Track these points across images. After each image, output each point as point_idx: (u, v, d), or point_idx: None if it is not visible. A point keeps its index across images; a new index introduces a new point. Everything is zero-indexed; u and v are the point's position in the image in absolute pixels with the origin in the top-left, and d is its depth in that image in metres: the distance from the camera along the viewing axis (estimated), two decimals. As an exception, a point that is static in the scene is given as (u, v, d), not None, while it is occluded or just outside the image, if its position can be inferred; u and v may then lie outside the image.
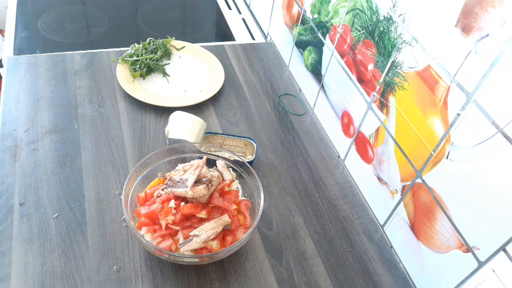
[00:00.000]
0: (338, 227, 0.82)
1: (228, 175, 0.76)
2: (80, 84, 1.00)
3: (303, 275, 0.74)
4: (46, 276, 0.67)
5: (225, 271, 0.72)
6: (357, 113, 0.86)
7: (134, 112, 0.96)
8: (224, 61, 1.14)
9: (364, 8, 0.79)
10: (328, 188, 0.89)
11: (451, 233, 0.65)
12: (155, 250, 0.66)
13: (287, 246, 0.77)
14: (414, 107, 0.69)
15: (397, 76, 0.73)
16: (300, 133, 0.99)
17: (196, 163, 0.74)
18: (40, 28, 1.20)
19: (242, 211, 0.74)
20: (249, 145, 0.91)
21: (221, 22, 1.36)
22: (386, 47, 0.74)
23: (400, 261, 0.79)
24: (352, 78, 0.87)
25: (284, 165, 0.91)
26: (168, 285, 0.69)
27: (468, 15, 0.57)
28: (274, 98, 1.07)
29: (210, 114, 0.99)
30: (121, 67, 1.04)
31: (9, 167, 0.81)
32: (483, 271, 0.60)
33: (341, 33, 0.88)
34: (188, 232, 0.68)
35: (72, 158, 0.84)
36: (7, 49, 1.11)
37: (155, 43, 1.10)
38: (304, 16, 1.03)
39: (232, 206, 0.72)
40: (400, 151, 0.75)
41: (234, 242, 0.68)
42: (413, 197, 0.73)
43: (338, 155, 0.96)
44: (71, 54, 1.07)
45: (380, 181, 0.82)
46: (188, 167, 0.74)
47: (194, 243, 0.66)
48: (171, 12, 1.41)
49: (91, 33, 1.25)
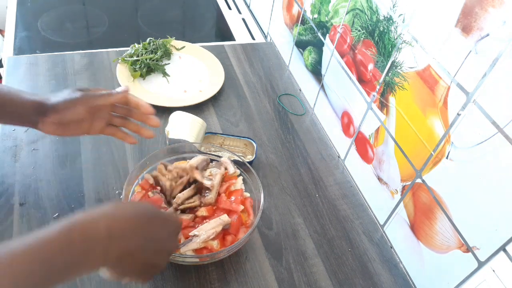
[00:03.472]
0: (338, 227, 0.82)
1: (233, 168, 0.76)
2: (80, 84, 1.00)
3: (303, 275, 0.74)
4: (46, 276, 0.67)
5: (225, 271, 0.72)
6: (357, 113, 0.86)
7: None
8: (224, 61, 1.13)
9: (364, 8, 0.79)
10: (328, 188, 0.89)
11: (451, 233, 0.65)
12: (155, 250, 0.66)
13: (287, 246, 0.77)
14: (414, 107, 0.69)
15: (397, 76, 0.73)
16: (300, 133, 0.99)
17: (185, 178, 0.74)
18: (40, 28, 1.20)
19: (247, 208, 0.74)
20: (249, 145, 0.91)
21: (221, 22, 1.36)
22: (386, 47, 0.74)
23: (400, 261, 0.79)
24: (352, 78, 0.87)
25: (284, 165, 0.91)
26: (168, 285, 0.69)
27: (468, 15, 0.57)
28: (274, 98, 1.07)
29: (210, 114, 0.99)
30: (121, 67, 1.04)
31: (9, 167, 0.81)
32: (483, 271, 0.60)
33: (341, 33, 0.88)
34: (188, 232, 0.68)
35: (72, 158, 0.84)
36: (7, 49, 1.11)
37: (155, 43, 1.10)
38: (304, 16, 1.03)
39: (239, 207, 0.71)
40: (400, 151, 0.75)
41: (234, 242, 0.68)
42: (413, 197, 0.73)
43: (338, 155, 0.96)
44: (71, 54, 1.07)
45: (380, 181, 0.82)
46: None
47: (194, 243, 0.66)
48: (171, 12, 1.41)
49: (91, 33, 1.25)
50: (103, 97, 0.70)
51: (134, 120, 0.74)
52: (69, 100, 0.67)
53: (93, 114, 0.70)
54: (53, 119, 0.67)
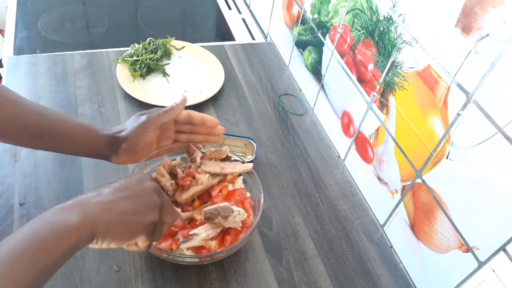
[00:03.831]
0: (338, 227, 0.82)
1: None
2: (80, 84, 1.00)
3: (303, 275, 0.74)
4: (46, 276, 0.67)
5: (225, 271, 0.72)
6: (357, 113, 0.86)
7: (134, 112, 0.96)
8: (224, 61, 1.13)
9: (364, 8, 0.79)
10: (328, 188, 0.89)
11: (451, 233, 0.65)
12: (155, 250, 0.66)
13: (287, 246, 0.77)
14: (414, 107, 0.69)
15: (397, 76, 0.73)
16: (300, 133, 0.99)
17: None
18: (40, 28, 1.20)
19: (246, 208, 0.74)
20: (249, 145, 0.91)
21: (221, 22, 1.36)
22: (386, 47, 0.74)
23: (400, 261, 0.79)
24: (352, 78, 0.87)
25: (284, 165, 0.91)
26: (168, 285, 0.69)
27: (468, 15, 0.57)
28: (274, 98, 1.07)
29: (210, 114, 0.99)
30: (121, 67, 1.04)
31: (9, 167, 0.81)
32: (483, 271, 0.60)
33: (341, 33, 0.88)
34: (187, 232, 0.68)
35: (72, 158, 0.84)
36: (7, 49, 1.11)
37: (155, 43, 1.10)
38: (304, 16, 1.03)
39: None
40: (400, 151, 0.75)
41: (234, 242, 0.68)
42: (413, 197, 0.73)
43: (338, 155, 0.96)
44: (71, 54, 1.07)
45: (380, 181, 0.82)
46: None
47: (195, 241, 0.66)
48: (171, 12, 1.41)
49: (91, 33, 1.25)
50: (168, 112, 0.71)
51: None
52: (138, 126, 0.69)
53: (160, 135, 0.72)
54: (127, 151, 0.69)
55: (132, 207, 0.55)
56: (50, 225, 0.47)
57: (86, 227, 0.49)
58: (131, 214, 0.54)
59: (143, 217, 0.56)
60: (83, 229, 0.49)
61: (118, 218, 0.53)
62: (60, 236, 0.47)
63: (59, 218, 0.48)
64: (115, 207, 0.53)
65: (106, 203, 0.52)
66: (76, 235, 0.48)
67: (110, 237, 0.52)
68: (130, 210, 0.54)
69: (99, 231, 0.51)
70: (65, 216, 0.48)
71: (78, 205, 0.50)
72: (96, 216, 0.50)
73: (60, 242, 0.47)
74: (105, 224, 0.51)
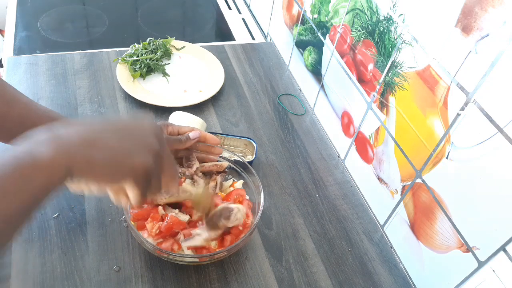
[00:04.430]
0: (338, 227, 0.82)
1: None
2: (80, 84, 1.00)
3: (303, 275, 0.74)
4: (46, 276, 0.67)
5: (225, 271, 0.72)
6: (357, 113, 0.86)
7: (134, 112, 0.96)
8: (224, 61, 1.13)
9: (364, 8, 0.79)
10: (328, 188, 0.89)
11: (451, 233, 0.65)
12: (156, 250, 0.66)
13: (287, 246, 0.77)
14: (414, 107, 0.69)
15: (397, 76, 0.73)
16: (300, 133, 0.99)
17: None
18: (40, 28, 1.20)
19: None
20: (249, 145, 0.91)
21: (221, 22, 1.36)
22: (386, 47, 0.74)
23: (400, 261, 0.79)
24: (352, 78, 0.87)
25: (284, 165, 0.91)
26: (168, 285, 0.69)
27: (468, 15, 0.57)
28: (274, 98, 1.07)
29: (210, 114, 0.99)
30: (121, 67, 1.04)
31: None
32: (483, 271, 0.60)
33: (341, 33, 0.88)
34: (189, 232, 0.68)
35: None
36: (7, 49, 1.11)
37: (155, 43, 1.10)
38: (304, 16, 1.03)
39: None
40: (400, 151, 0.75)
41: (234, 242, 0.68)
42: (413, 197, 0.73)
43: (338, 155, 0.96)
44: (71, 54, 1.07)
45: (380, 181, 0.82)
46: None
47: (197, 240, 0.67)
48: (171, 12, 1.41)
49: (91, 33, 1.25)
50: (181, 142, 0.73)
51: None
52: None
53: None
54: None
55: (120, 144, 0.47)
56: (14, 160, 0.39)
57: (59, 163, 0.41)
58: (118, 151, 0.46)
59: (132, 158, 0.47)
60: (55, 165, 0.41)
61: (100, 153, 0.44)
62: (24, 174, 0.39)
63: (25, 151, 0.40)
64: (99, 140, 0.45)
65: (88, 134, 0.45)
66: (46, 173, 0.40)
67: (90, 176, 0.45)
68: (117, 146, 0.46)
69: (76, 167, 0.42)
70: (33, 149, 0.40)
71: (52, 135, 0.42)
72: (73, 149, 0.42)
73: (26, 182, 0.39)
74: (84, 159, 0.43)
